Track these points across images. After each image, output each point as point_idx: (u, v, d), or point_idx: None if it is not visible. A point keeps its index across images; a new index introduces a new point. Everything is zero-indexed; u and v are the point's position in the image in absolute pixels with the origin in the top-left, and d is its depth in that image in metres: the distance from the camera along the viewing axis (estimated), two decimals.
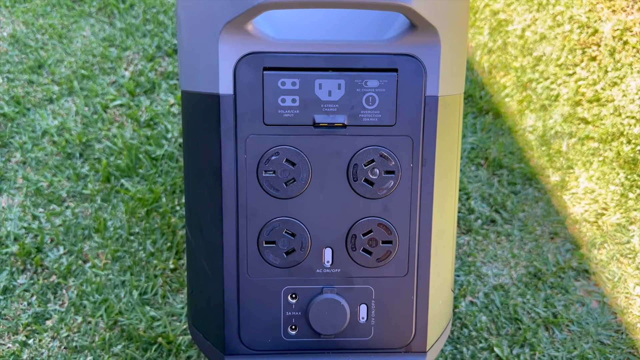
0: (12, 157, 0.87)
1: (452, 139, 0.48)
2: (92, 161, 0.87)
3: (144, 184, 0.85)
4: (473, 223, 0.84)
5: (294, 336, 0.47)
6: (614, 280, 0.80)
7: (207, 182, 0.46)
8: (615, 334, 0.76)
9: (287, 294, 0.47)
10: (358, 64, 0.44)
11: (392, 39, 0.44)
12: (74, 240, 0.80)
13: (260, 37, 0.43)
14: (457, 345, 0.74)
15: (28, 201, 0.83)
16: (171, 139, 0.89)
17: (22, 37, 0.99)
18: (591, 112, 0.94)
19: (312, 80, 0.44)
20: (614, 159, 0.90)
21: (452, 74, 0.46)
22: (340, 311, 0.46)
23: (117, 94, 0.93)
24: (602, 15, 1.02)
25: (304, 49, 0.44)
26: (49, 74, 0.95)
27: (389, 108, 0.44)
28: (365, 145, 0.45)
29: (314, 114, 0.44)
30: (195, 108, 0.47)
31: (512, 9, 1.05)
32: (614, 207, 0.86)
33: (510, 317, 0.76)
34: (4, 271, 0.77)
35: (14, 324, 0.74)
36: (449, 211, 0.49)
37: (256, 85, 0.44)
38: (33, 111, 0.91)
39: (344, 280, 0.47)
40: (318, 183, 0.45)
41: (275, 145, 0.45)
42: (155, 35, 1.00)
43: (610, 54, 0.99)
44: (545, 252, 0.82)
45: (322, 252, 0.47)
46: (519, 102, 0.96)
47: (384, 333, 0.47)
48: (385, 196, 0.46)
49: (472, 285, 0.79)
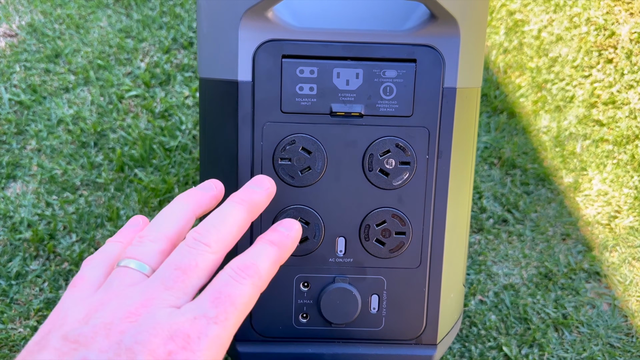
0: (27, 144, 0.88)
1: (469, 132, 0.47)
2: (107, 150, 0.87)
3: (157, 174, 0.86)
4: (485, 222, 0.84)
5: (305, 324, 0.47)
6: (626, 283, 0.79)
7: (223, 168, 0.47)
8: (626, 337, 0.75)
9: (299, 282, 0.47)
10: (376, 53, 0.44)
11: (412, 30, 0.44)
12: (86, 228, 0.81)
13: (280, 24, 0.43)
14: (466, 344, 0.73)
15: (42, 188, 0.84)
16: (185, 131, 0.90)
17: (39, 27, 0.99)
18: (606, 115, 0.93)
19: (331, 69, 0.44)
20: (628, 161, 0.89)
21: (470, 67, 0.46)
22: (352, 301, 0.46)
23: (132, 84, 0.94)
24: (619, 18, 1.02)
25: (323, 37, 0.44)
26: (65, 64, 0.96)
27: (406, 99, 0.44)
28: (381, 135, 0.45)
29: (331, 102, 0.45)
30: (213, 95, 0.47)
31: (529, 9, 1.05)
32: (627, 210, 0.85)
33: (519, 317, 0.76)
34: (17, 257, 0.78)
35: (25, 309, 0.74)
36: (463, 204, 0.49)
37: (275, 73, 0.44)
38: (49, 100, 0.92)
39: (357, 270, 0.47)
40: (333, 172, 0.46)
41: (291, 133, 0.45)
42: (172, 28, 1.01)
43: (627, 57, 0.98)
44: (556, 253, 0.82)
45: (335, 242, 0.47)
46: (534, 103, 0.95)
47: (395, 324, 0.47)
48: (400, 187, 0.46)
49: (482, 284, 0.78)
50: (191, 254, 0.32)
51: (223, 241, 0.34)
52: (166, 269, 0.32)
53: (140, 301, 0.30)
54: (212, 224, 0.34)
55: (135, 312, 0.29)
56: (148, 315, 0.29)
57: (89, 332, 0.29)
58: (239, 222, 0.35)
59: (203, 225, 0.34)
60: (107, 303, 0.30)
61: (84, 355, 0.28)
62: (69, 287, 0.33)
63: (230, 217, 0.35)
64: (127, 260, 0.33)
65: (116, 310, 0.30)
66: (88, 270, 0.34)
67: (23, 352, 0.29)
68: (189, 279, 0.32)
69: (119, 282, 0.32)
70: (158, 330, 0.29)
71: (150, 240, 0.34)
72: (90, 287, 0.33)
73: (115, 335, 0.28)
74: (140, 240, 0.34)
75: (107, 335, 0.28)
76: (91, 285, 0.33)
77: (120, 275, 0.32)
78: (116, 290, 0.31)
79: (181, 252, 0.32)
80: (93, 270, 0.34)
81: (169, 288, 0.31)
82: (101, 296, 0.31)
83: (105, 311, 0.30)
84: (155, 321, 0.29)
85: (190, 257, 0.32)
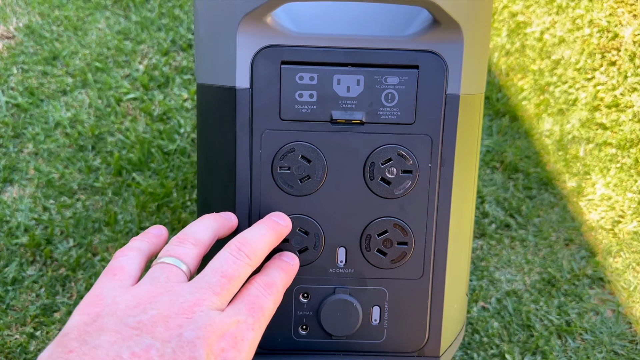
0: (24, 148, 0.87)
1: (472, 140, 0.46)
2: (104, 154, 0.86)
3: (156, 178, 0.85)
4: (487, 227, 0.83)
5: (304, 336, 0.46)
6: (630, 289, 0.78)
7: (221, 176, 0.46)
8: (630, 345, 0.74)
9: (298, 293, 0.46)
10: (378, 59, 0.43)
11: (414, 35, 0.43)
12: (84, 233, 0.80)
13: (279, 30, 0.42)
14: (468, 351, 0.72)
15: (39, 192, 0.83)
16: (184, 134, 0.89)
17: (37, 28, 0.98)
18: (609, 118, 0.92)
19: (331, 76, 0.43)
20: (632, 165, 0.88)
21: (474, 73, 0.45)
22: (353, 312, 0.45)
23: (130, 87, 0.93)
24: (622, 20, 1.01)
25: (324, 43, 0.43)
26: (63, 66, 0.95)
27: (408, 106, 0.43)
28: (383, 143, 0.44)
29: (331, 110, 0.43)
30: (211, 101, 0.46)
31: (531, 11, 1.04)
32: (630, 215, 0.84)
33: (522, 323, 0.75)
34: (13, 262, 0.77)
35: (21, 315, 0.73)
36: (466, 213, 0.48)
37: (273, 79, 0.43)
38: (46, 102, 0.91)
39: (357, 281, 0.46)
40: (333, 181, 0.45)
41: (291, 141, 0.44)
42: (171, 30, 1.00)
43: (631, 59, 0.97)
44: (559, 258, 0.81)
45: (335, 252, 0.46)
46: (536, 106, 0.94)
47: (397, 336, 0.46)
48: (402, 196, 0.45)
49: (485, 291, 0.77)
50: (236, 265, 0.36)
51: (259, 257, 0.38)
52: (214, 274, 0.35)
53: (192, 300, 0.33)
54: (251, 238, 0.38)
55: (189, 310, 0.32)
56: (202, 314, 0.32)
57: (147, 321, 0.31)
58: (269, 244, 0.40)
59: (243, 238, 0.38)
60: (159, 296, 0.33)
61: (149, 342, 0.30)
62: (106, 274, 0.35)
63: (264, 237, 0.39)
64: (171, 258, 0.36)
65: (171, 305, 0.32)
66: (126, 262, 0.36)
67: (74, 332, 0.30)
68: (231, 287, 0.35)
69: (165, 278, 0.34)
70: (213, 328, 0.32)
71: (192, 243, 0.37)
72: (129, 277, 0.35)
73: (175, 328, 0.31)
74: (181, 242, 0.37)
75: (166, 327, 0.31)
76: (129, 276, 0.35)
77: (165, 271, 0.35)
78: (165, 285, 0.34)
79: (227, 261, 0.36)
80: (130, 262, 0.36)
81: (216, 293, 0.34)
82: (149, 289, 0.33)
83: (159, 303, 0.32)
84: (210, 320, 0.32)
85: (234, 267, 0.36)
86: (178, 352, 0.30)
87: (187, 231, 0.38)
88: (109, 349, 0.29)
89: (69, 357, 0.29)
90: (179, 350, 0.30)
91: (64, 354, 0.29)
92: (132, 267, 0.36)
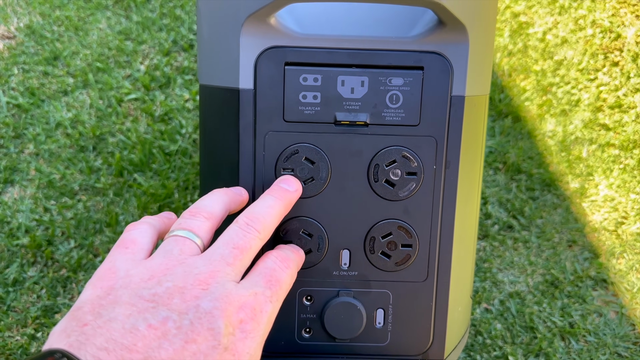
0: (25, 148, 0.87)
1: (477, 141, 0.46)
2: (105, 155, 0.86)
3: (157, 179, 0.84)
4: (490, 228, 0.82)
5: (308, 339, 0.46)
6: (633, 290, 0.78)
7: (224, 178, 0.45)
8: (633, 346, 0.74)
9: (302, 296, 0.46)
10: (382, 61, 0.43)
11: (419, 36, 0.42)
12: (85, 234, 0.79)
13: (282, 31, 0.42)
14: (471, 353, 0.72)
15: (40, 193, 0.82)
16: (185, 135, 0.88)
17: (38, 29, 0.98)
18: (612, 119, 0.92)
19: (335, 77, 0.43)
20: (635, 166, 0.88)
21: (479, 74, 0.44)
22: (357, 315, 0.45)
23: (132, 87, 0.93)
24: (625, 20, 1.00)
25: (328, 44, 0.42)
26: (64, 66, 0.95)
27: (413, 107, 0.43)
28: (387, 145, 0.44)
29: (335, 111, 0.43)
30: (214, 102, 0.46)
31: (534, 11, 1.04)
32: (634, 216, 0.84)
33: (525, 325, 0.74)
34: (14, 263, 0.77)
35: (22, 317, 0.73)
36: (471, 215, 0.47)
37: (277, 81, 0.43)
38: (47, 103, 0.90)
39: (361, 283, 0.46)
40: (337, 183, 0.44)
41: (294, 142, 0.44)
42: (172, 30, 0.99)
43: (633, 60, 0.97)
44: (562, 260, 0.80)
45: (339, 254, 0.45)
46: (539, 107, 0.94)
47: (401, 339, 0.46)
48: (407, 198, 0.44)
49: (488, 292, 0.77)
50: (246, 237, 0.35)
51: (268, 230, 0.37)
52: (225, 246, 0.34)
53: (207, 272, 0.32)
54: (259, 212, 0.37)
55: (205, 281, 0.31)
56: (218, 285, 0.31)
57: (163, 294, 0.30)
58: (279, 215, 0.39)
59: (251, 213, 0.37)
60: (173, 269, 0.32)
61: (166, 314, 0.29)
62: (118, 247, 0.34)
63: (272, 209, 0.38)
64: (184, 231, 0.35)
65: (185, 277, 0.31)
66: (138, 235, 0.35)
67: (87, 306, 0.30)
68: (244, 259, 0.34)
69: (179, 250, 0.33)
70: (230, 299, 0.31)
71: (204, 216, 0.36)
72: (141, 251, 0.34)
73: (191, 300, 0.30)
74: (193, 216, 0.36)
75: (182, 299, 0.30)
76: (142, 250, 0.34)
77: (179, 244, 0.34)
78: (178, 257, 0.33)
79: (237, 234, 0.35)
80: (142, 235, 0.36)
81: (230, 264, 0.33)
82: (163, 261, 0.33)
83: (173, 276, 0.31)
84: (227, 291, 0.31)
85: (245, 239, 0.35)
86: (196, 323, 0.30)
87: (198, 205, 0.37)
88: (125, 321, 0.29)
89: (84, 330, 0.28)
90: (197, 322, 0.30)
91: (78, 327, 0.29)
92: (144, 240, 0.35)
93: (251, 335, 0.32)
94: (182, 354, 0.29)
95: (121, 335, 0.28)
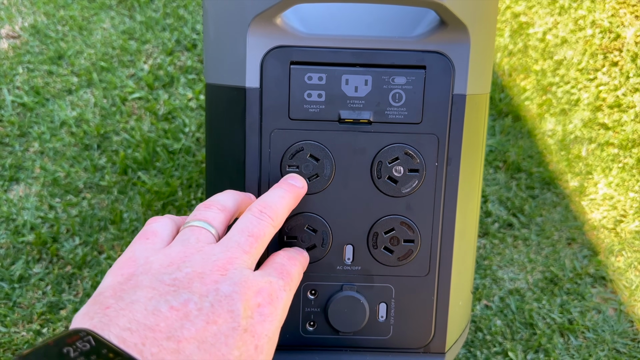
0: (30, 146, 0.88)
1: (478, 139, 0.47)
2: (110, 153, 0.87)
3: (161, 177, 0.85)
4: (490, 226, 0.83)
5: (312, 332, 0.47)
6: (632, 288, 0.79)
7: (230, 175, 0.46)
8: (632, 343, 0.75)
9: (306, 290, 0.47)
10: (386, 60, 0.44)
11: (421, 36, 0.43)
12: (89, 231, 0.80)
13: (288, 30, 0.43)
14: (471, 349, 0.73)
15: (45, 191, 0.83)
16: (188, 133, 0.89)
17: (42, 28, 0.99)
18: (612, 118, 0.93)
19: (339, 76, 0.44)
20: (634, 165, 0.89)
21: (480, 73, 0.45)
22: (360, 309, 0.46)
23: (135, 86, 0.93)
24: (624, 20, 1.01)
25: (332, 43, 0.43)
26: (68, 65, 0.95)
27: (415, 105, 0.44)
28: (390, 142, 0.45)
29: (339, 109, 0.44)
30: (220, 101, 0.47)
31: (534, 11, 1.04)
32: (632, 214, 0.85)
33: (525, 322, 0.75)
34: (19, 260, 0.78)
35: (28, 313, 0.74)
36: (472, 212, 0.48)
37: (283, 79, 0.43)
38: (52, 102, 0.91)
39: (364, 278, 0.47)
40: (341, 179, 0.45)
41: (299, 140, 0.45)
42: (175, 30, 1.00)
43: (633, 60, 0.98)
44: (562, 257, 0.81)
45: (343, 249, 0.46)
46: (539, 106, 0.95)
47: (403, 333, 0.47)
48: (409, 194, 0.45)
49: (488, 289, 0.78)
50: (260, 224, 0.36)
51: (280, 219, 0.38)
52: (241, 234, 0.35)
53: (224, 258, 0.33)
54: (271, 200, 0.39)
55: (223, 267, 0.32)
56: (236, 271, 0.33)
57: (183, 278, 0.31)
58: (289, 206, 0.40)
59: (264, 201, 0.38)
60: (191, 256, 0.33)
61: (187, 296, 0.30)
62: (138, 238, 0.36)
63: (283, 199, 0.39)
64: (199, 221, 0.36)
65: (204, 263, 0.32)
66: (158, 227, 0.37)
67: (109, 291, 0.31)
68: (259, 246, 0.36)
69: (196, 239, 0.35)
70: (249, 284, 0.32)
71: (219, 209, 0.38)
72: (162, 241, 0.35)
73: (211, 284, 0.31)
74: (208, 208, 0.37)
75: (202, 282, 0.31)
76: (162, 240, 0.36)
77: (195, 233, 0.35)
78: (195, 245, 0.34)
79: (252, 221, 0.36)
80: (163, 227, 0.37)
81: (246, 252, 0.34)
82: (181, 249, 0.34)
83: (192, 262, 0.32)
84: (245, 276, 0.33)
85: (259, 227, 0.36)
86: (216, 305, 0.30)
87: (213, 199, 0.39)
88: (147, 303, 0.29)
89: (106, 312, 0.29)
90: (217, 304, 0.30)
91: (101, 310, 0.29)
92: (164, 232, 0.36)
93: (269, 318, 0.33)
94: (203, 334, 0.29)
95: (144, 317, 0.29)
